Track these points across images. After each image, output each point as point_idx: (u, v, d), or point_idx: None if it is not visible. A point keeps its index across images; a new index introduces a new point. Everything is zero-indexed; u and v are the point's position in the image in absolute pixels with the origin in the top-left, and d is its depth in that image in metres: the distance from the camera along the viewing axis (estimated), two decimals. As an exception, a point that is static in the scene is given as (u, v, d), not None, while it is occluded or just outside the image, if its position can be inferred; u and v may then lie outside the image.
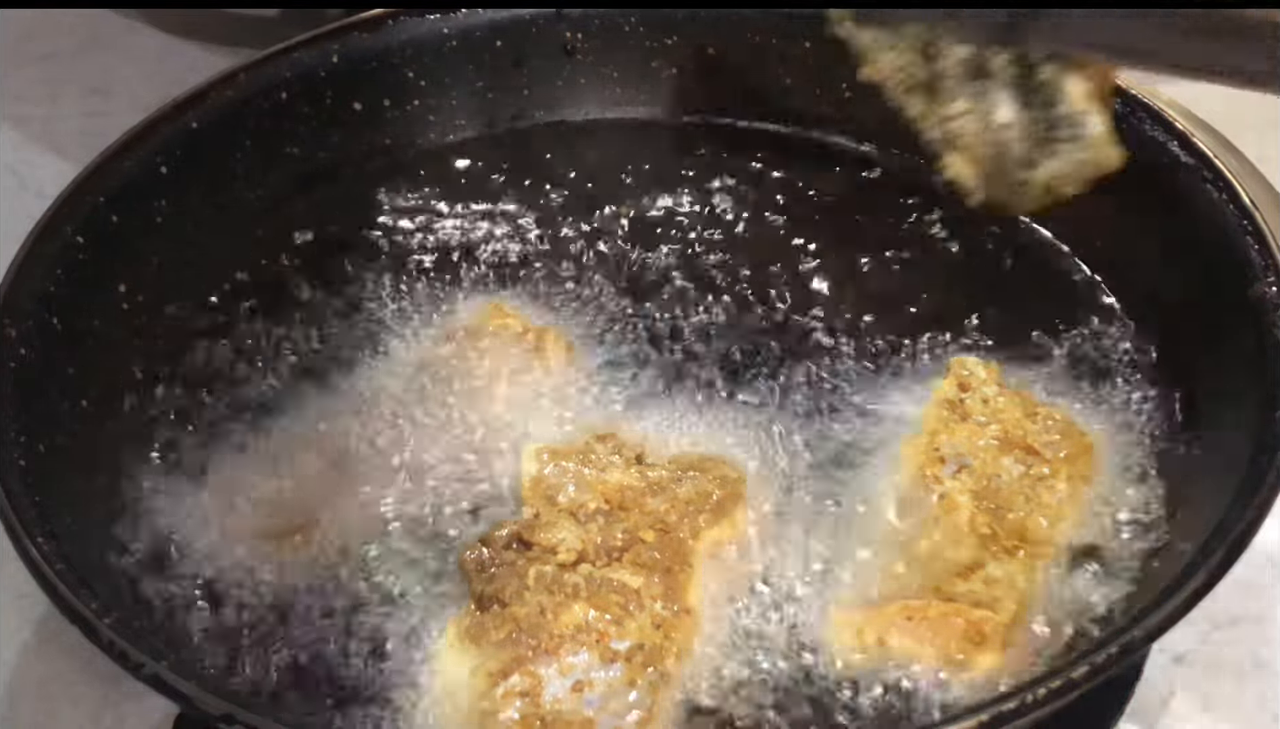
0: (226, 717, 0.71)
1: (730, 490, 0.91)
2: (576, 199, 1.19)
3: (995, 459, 0.92)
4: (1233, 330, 0.93)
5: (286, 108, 1.16)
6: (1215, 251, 0.97)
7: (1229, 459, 0.85)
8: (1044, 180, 0.91)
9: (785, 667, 0.84)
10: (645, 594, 0.84)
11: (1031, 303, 1.07)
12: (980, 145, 0.91)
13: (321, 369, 1.03)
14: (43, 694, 0.97)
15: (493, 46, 1.23)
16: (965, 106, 0.91)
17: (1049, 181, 0.91)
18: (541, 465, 0.92)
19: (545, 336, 1.02)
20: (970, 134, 0.91)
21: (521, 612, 0.82)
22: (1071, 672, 0.72)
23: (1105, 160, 0.90)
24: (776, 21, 1.22)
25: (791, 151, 1.22)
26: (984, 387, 0.97)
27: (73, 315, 0.97)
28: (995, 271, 1.10)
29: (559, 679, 0.80)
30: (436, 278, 1.11)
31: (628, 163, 1.22)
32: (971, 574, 0.86)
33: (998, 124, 0.90)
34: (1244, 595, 1.00)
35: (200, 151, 1.10)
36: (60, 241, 0.98)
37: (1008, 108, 0.90)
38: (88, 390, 0.96)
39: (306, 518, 0.92)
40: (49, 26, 1.65)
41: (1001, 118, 0.90)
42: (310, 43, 1.17)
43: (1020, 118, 0.90)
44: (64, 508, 0.85)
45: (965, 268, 1.10)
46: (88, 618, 0.75)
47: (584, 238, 1.14)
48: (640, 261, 1.12)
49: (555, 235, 1.15)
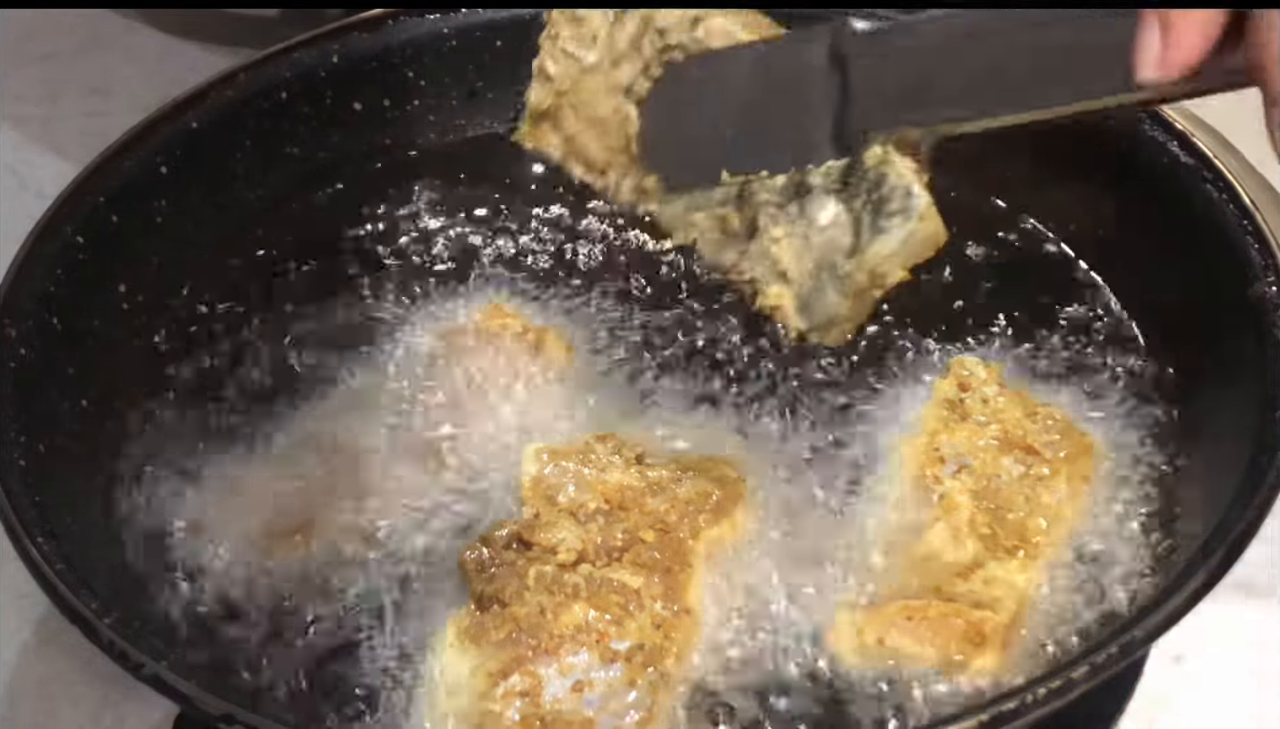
0: (226, 717, 0.71)
1: (730, 490, 0.91)
2: (577, 199, 1.18)
3: (995, 459, 0.92)
4: (1233, 330, 0.94)
5: (286, 108, 1.16)
6: (1215, 251, 0.97)
7: (1229, 459, 0.85)
8: (872, 263, 0.90)
9: (785, 667, 0.84)
10: (645, 594, 0.84)
11: (1031, 303, 1.06)
12: (802, 262, 0.90)
13: (321, 369, 1.03)
14: (43, 694, 0.97)
15: (493, 46, 1.23)
16: (785, 231, 0.90)
17: (876, 264, 0.89)
18: (541, 465, 0.92)
19: (545, 336, 1.02)
20: (790, 255, 0.90)
21: (521, 612, 0.82)
22: (1071, 672, 0.72)
23: (933, 233, 0.89)
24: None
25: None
26: (984, 386, 0.97)
27: (73, 315, 0.97)
28: (995, 272, 1.10)
29: (559, 679, 0.80)
30: (436, 278, 1.11)
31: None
32: (971, 574, 0.86)
33: (820, 227, 0.89)
34: (1244, 595, 1.00)
35: (200, 151, 1.10)
36: (60, 241, 0.99)
37: (830, 208, 0.89)
38: (88, 390, 0.96)
39: (306, 518, 0.92)
40: (49, 26, 1.65)
41: (824, 220, 0.89)
42: (310, 43, 1.17)
43: (842, 213, 0.89)
44: (64, 508, 0.86)
45: (965, 268, 1.10)
46: (88, 618, 0.75)
47: (585, 237, 1.14)
48: (641, 261, 1.12)
49: (556, 235, 1.15)
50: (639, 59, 0.97)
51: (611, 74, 0.98)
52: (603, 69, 0.99)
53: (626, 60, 0.98)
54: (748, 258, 0.94)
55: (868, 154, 0.90)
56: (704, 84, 0.97)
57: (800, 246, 0.91)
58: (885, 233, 0.89)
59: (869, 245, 0.90)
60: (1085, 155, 1.10)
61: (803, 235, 0.91)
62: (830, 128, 0.90)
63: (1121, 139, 1.07)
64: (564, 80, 1.00)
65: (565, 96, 1.00)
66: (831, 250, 0.90)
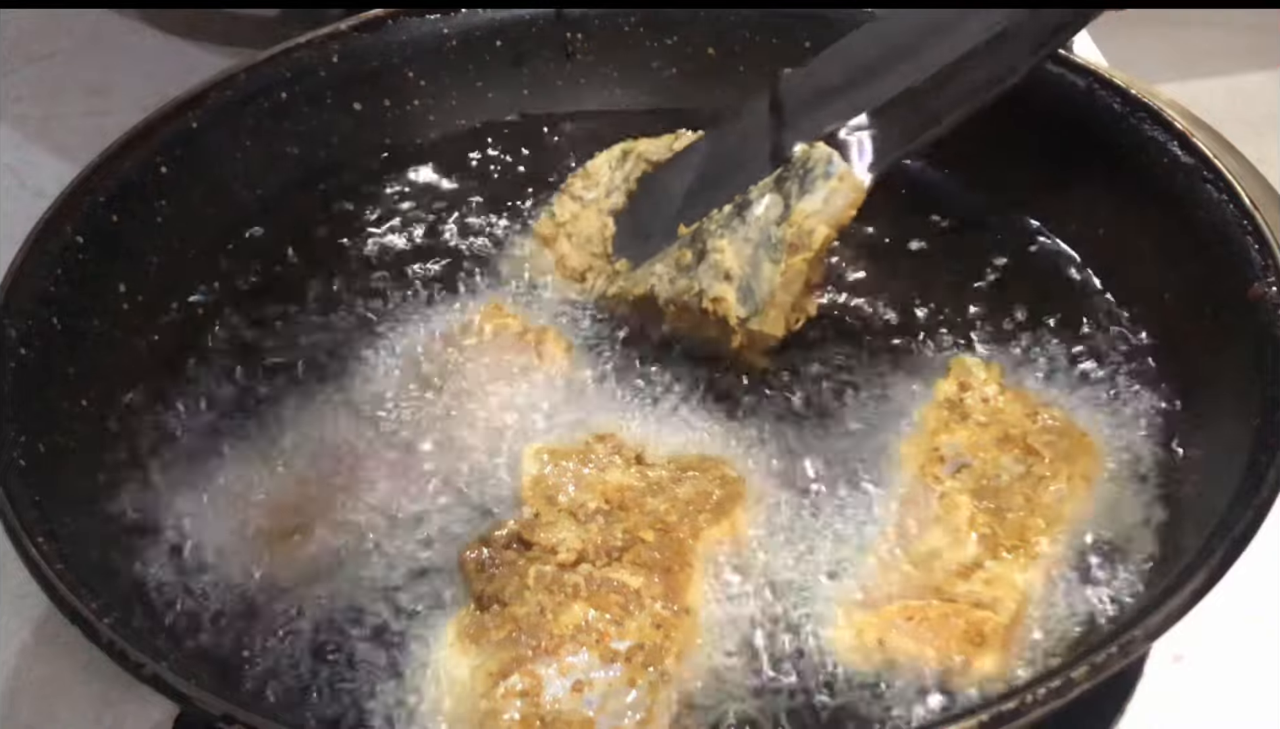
0: (226, 717, 0.71)
1: (730, 490, 0.91)
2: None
3: (995, 459, 0.92)
4: (1233, 330, 0.94)
5: (286, 108, 1.16)
6: (1215, 251, 0.98)
7: (1229, 459, 0.85)
8: (799, 221, 0.97)
9: (785, 667, 0.84)
10: (645, 594, 0.84)
11: (1032, 303, 1.06)
12: (741, 255, 0.98)
13: (321, 369, 1.03)
14: (42, 694, 0.97)
15: (493, 46, 1.23)
16: (727, 239, 0.99)
17: (803, 222, 0.97)
18: (541, 465, 0.92)
19: (545, 336, 1.02)
20: (732, 254, 0.98)
21: (521, 612, 0.82)
22: (1071, 672, 0.72)
23: (853, 186, 0.98)
24: (776, 21, 1.23)
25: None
26: (984, 386, 0.97)
27: (73, 315, 0.97)
28: (995, 272, 1.10)
29: (559, 679, 0.80)
30: (437, 278, 1.11)
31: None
32: (971, 574, 0.86)
33: (756, 217, 0.99)
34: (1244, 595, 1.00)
35: (200, 151, 1.10)
36: (60, 241, 0.99)
37: (766, 200, 0.99)
38: (88, 390, 0.96)
39: (305, 518, 0.92)
40: (49, 26, 1.65)
41: (759, 210, 0.99)
42: (310, 43, 1.17)
43: (776, 197, 0.99)
44: (64, 508, 0.86)
45: (966, 268, 1.10)
46: (88, 618, 0.75)
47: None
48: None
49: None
50: (625, 187, 1.10)
51: (604, 202, 1.10)
52: (598, 202, 1.10)
53: (616, 191, 1.10)
54: (697, 278, 1.00)
55: (795, 151, 1.00)
56: (666, 175, 1.10)
57: (740, 245, 0.99)
58: (810, 193, 0.98)
59: (795, 205, 0.98)
60: (1085, 156, 1.10)
61: (743, 236, 0.99)
62: (769, 151, 1.01)
63: (1122, 139, 1.07)
64: (565, 215, 1.11)
65: (564, 227, 1.11)
66: (766, 227, 0.98)
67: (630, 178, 1.09)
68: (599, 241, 1.09)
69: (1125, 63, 1.26)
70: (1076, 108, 1.10)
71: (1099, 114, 1.09)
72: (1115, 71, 1.11)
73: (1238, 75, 1.88)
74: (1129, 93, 1.08)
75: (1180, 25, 1.97)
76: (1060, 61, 1.10)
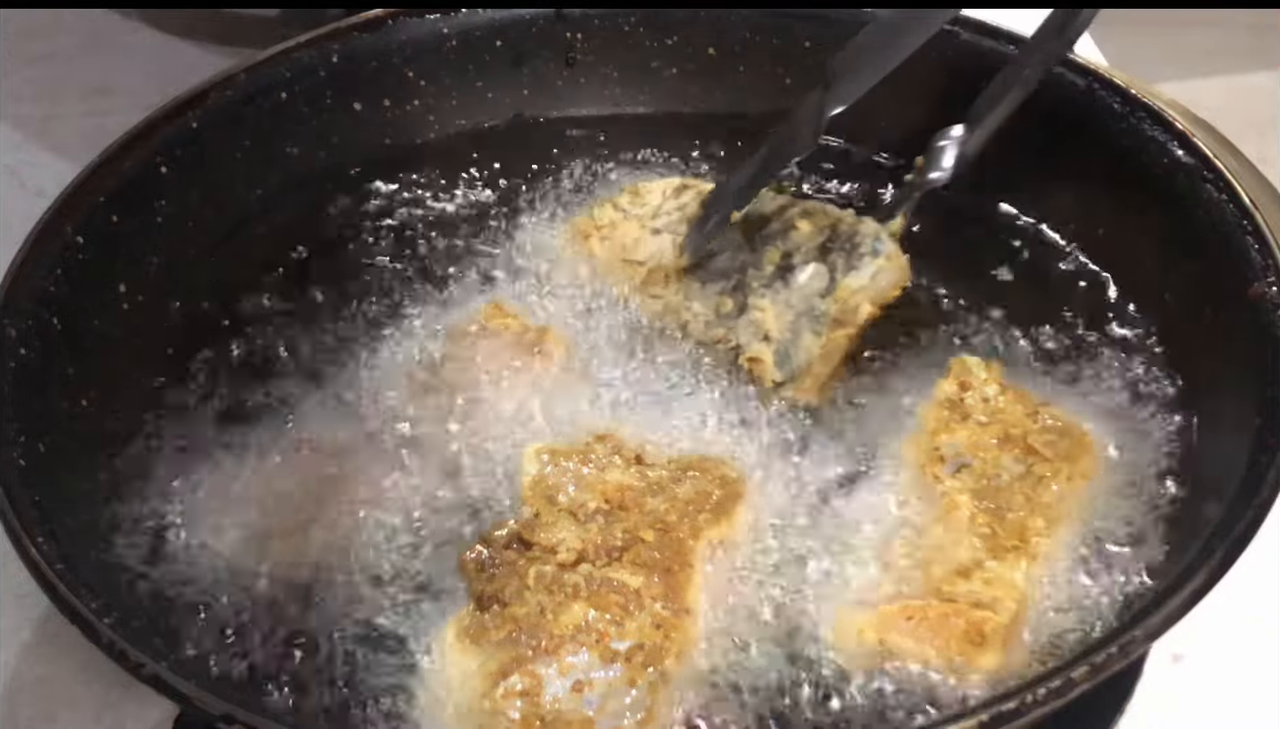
0: (226, 717, 0.71)
1: (730, 490, 0.91)
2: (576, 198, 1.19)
3: (995, 459, 0.92)
4: (1233, 330, 0.94)
5: (286, 108, 1.16)
6: (1215, 251, 0.98)
7: (1229, 459, 0.85)
8: (844, 296, 0.99)
9: (785, 667, 0.84)
10: (645, 594, 0.84)
11: (1032, 303, 1.07)
12: (782, 321, 1.00)
13: (321, 368, 1.03)
14: (42, 694, 0.97)
15: (493, 46, 1.23)
16: (770, 299, 1.01)
17: (848, 297, 0.99)
18: (541, 465, 0.92)
19: (545, 336, 1.02)
20: (773, 317, 1.00)
21: (521, 611, 0.82)
22: (1071, 672, 0.72)
23: (899, 272, 1.01)
24: (776, 21, 1.22)
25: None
26: (984, 386, 0.97)
27: (73, 315, 0.97)
28: (996, 272, 1.10)
29: (559, 679, 0.80)
30: (436, 277, 1.11)
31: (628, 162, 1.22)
32: (971, 574, 0.86)
33: (799, 286, 1.01)
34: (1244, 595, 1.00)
35: (200, 151, 1.10)
36: (60, 241, 0.98)
37: (810, 268, 1.01)
38: (88, 390, 0.96)
39: (305, 518, 0.92)
40: (49, 26, 1.65)
41: (803, 278, 1.01)
42: (310, 43, 1.17)
43: (821, 268, 1.01)
44: (64, 508, 0.85)
45: (965, 268, 1.10)
46: (88, 618, 0.75)
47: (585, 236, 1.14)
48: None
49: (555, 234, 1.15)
50: (680, 214, 1.10)
51: (648, 221, 1.10)
52: (642, 218, 1.11)
53: (667, 215, 1.10)
54: (734, 330, 1.02)
55: (843, 219, 1.04)
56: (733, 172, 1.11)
57: (782, 309, 1.00)
58: (857, 269, 1.00)
59: (842, 280, 1.00)
60: (1086, 155, 1.10)
61: (785, 301, 1.01)
62: (814, 125, 1.01)
63: (1122, 139, 1.07)
64: (604, 220, 1.11)
65: (601, 230, 1.11)
66: (809, 297, 1.00)
67: (685, 208, 1.09)
68: (634, 251, 1.09)
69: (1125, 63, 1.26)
70: (1076, 108, 1.10)
71: (1099, 114, 1.09)
72: (1115, 71, 1.11)
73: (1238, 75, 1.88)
74: (1129, 93, 1.08)
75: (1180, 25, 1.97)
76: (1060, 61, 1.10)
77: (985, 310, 1.06)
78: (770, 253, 1.04)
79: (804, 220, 1.05)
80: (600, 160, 1.22)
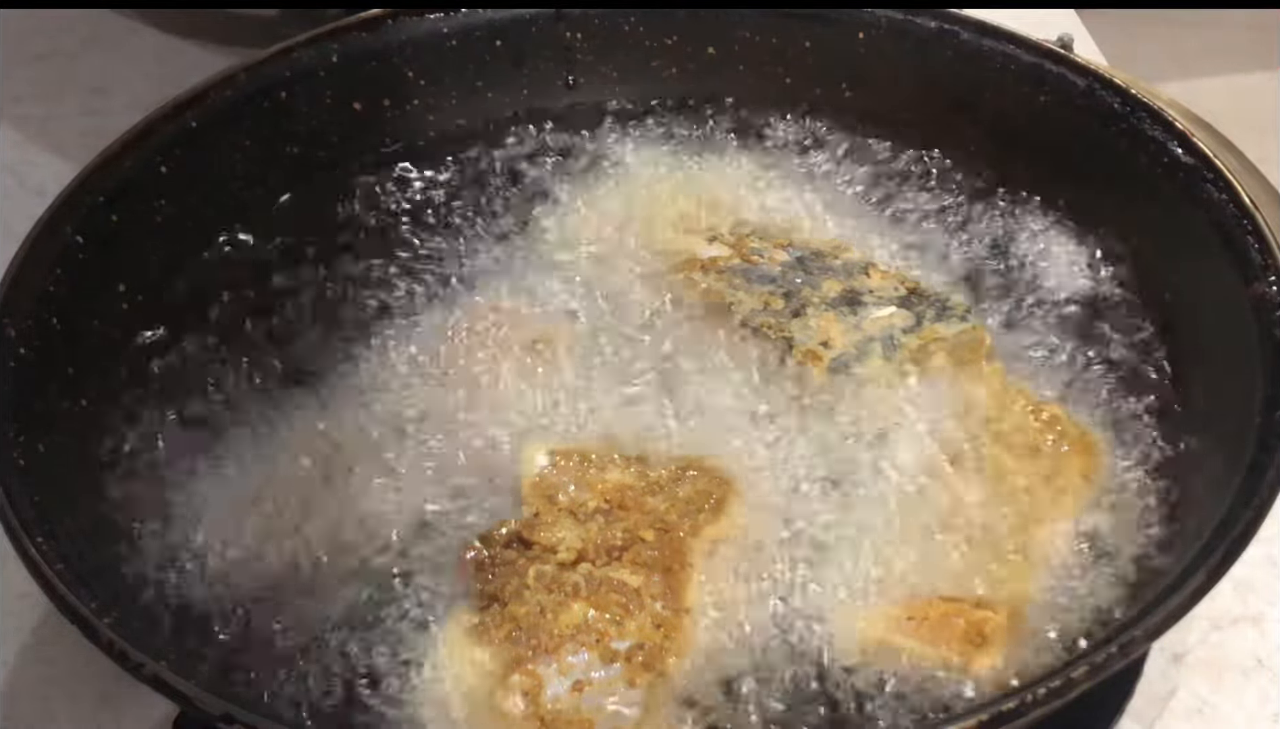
0: (226, 717, 0.71)
1: (730, 489, 0.91)
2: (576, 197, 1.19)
3: (996, 458, 0.92)
4: (1233, 330, 0.93)
5: (286, 108, 1.16)
6: (1215, 251, 0.97)
7: (1229, 459, 0.85)
8: (929, 337, 1.00)
9: (785, 667, 0.84)
10: (645, 594, 0.84)
11: (1031, 302, 1.06)
12: (849, 337, 1.00)
13: (321, 368, 1.03)
14: (42, 694, 0.97)
15: (493, 46, 1.23)
16: (834, 319, 1.02)
17: (930, 340, 0.99)
18: (541, 465, 0.92)
19: (546, 335, 1.02)
20: (837, 330, 1.01)
21: (521, 611, 0.82)
22: (1071, 672, 0.72)
23: (980, 339, 1.00)
24: (776, 21, 1.22)
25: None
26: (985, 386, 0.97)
27: (73, 315, 0.97)
28: (994, 271, 1.10)
29: (559, 679, 0.80)
30: (436, 277, 1.11)
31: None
32: (972, 574, 0.86)
33: (875, 318, 1.02)
34: (1244, 595, 1.00)
35: (200, 151, 1.10)
36: (60, 241, 0.98)
37: (888, 308, 1.03)
38: (88, 390, 0.96)
39: (305, 517, 0.92)
40: (49, 26, 1.65)
41: (879, 313, 1.02)
42: (310, 43, 1.17)
43: (902, 311, 1.02)
44: (64, 508, 0.85)
45: (965, 268, 1.10)
46: (88, 618, 0.75)
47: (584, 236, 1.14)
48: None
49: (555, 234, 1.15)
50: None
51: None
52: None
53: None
54: (788, 326, 1.02)
55: (923, 284, 1.05)
56: None
57: (849, 329, 1.01)
58: (946, 321, 1.01)
59: (930, 323, 1.01)
60: (1086, 155, 1.10)
61: (854, 324, 1.01)
62: None
63: (1121, 139, 1.07)
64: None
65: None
66: (888, 328, 1.01)
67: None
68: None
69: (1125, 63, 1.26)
70: (1076, 108, 1.10)
71: (1099, 114, 1.09)
72: (1115, 71, 1.11)
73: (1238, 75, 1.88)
74: (1129, 93, 1.08)
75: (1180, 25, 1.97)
76: (1060, 61, 1.10)
77: (984, 310, 1.06)
78: (830, 283, 1.05)
79: (873, 270, 1.06)
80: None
